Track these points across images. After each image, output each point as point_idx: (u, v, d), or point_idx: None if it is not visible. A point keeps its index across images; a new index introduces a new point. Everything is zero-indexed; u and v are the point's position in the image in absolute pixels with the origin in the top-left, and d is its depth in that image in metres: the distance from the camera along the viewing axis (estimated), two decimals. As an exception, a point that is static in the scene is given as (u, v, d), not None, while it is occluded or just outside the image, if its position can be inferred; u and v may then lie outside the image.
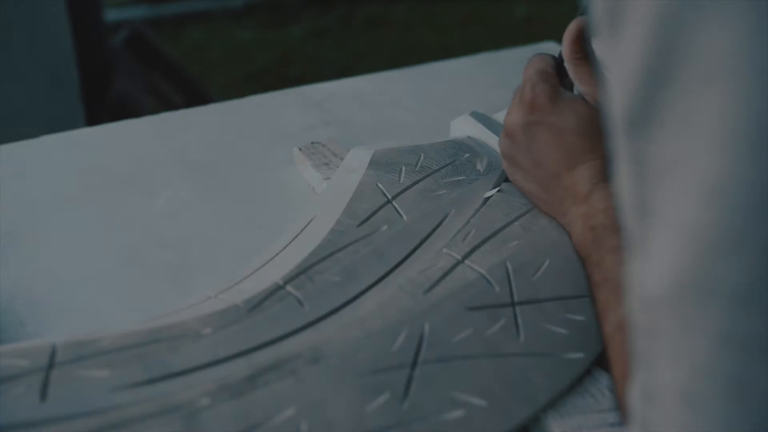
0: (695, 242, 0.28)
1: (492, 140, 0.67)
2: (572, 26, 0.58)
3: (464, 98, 0.89)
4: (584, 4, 0.59)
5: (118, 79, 1.91)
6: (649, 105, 0.28)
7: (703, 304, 0.28)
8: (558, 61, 0.60)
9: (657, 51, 0.28)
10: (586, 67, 0.58)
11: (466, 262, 0.54)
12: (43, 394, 0.42)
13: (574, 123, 0.56)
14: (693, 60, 0.27)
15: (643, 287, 0.31)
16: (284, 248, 0.56)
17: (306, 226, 0.58)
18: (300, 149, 0.73)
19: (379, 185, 0.60)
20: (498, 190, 0.61)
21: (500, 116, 0.71)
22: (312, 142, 0.74)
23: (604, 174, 0.54)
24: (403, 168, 0.62)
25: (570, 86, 0.59)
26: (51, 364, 0.44)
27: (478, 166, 0.63)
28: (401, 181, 0.61)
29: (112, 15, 2.84)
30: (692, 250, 0.28)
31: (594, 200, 0.54)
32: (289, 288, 0.51)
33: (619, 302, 0.46)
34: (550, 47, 1.01)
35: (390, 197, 0.59)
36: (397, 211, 0.58)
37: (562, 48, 0.59)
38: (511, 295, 0.52)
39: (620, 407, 0.43)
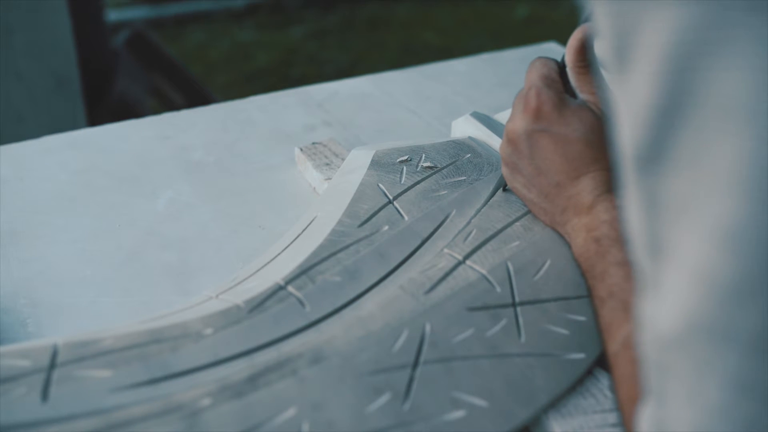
0: (709, 286, 0.27)
1: (493, 140, 0.67)
2: (576, 34, 0.57)
3: (465, 98, 0.89)
4: (587, 10, 0.58)
5: (120, 80, 1.91)
6: (660, 143, 0.28)
7: (717, 348, 0.28)
8: (560, 66, 0.59)
9: (668, 89, 0.27)
10: (590, 75, 0.57)
11: (467, 262, 0.54)
12: (45, 395, 0.42)
13: (580, 132, 0.55)
14: (706, 100, 0.26)
15: (655, 325, 0.30)
16: (285, 248, 0.56)
17: (307, 227, 0.58)
18: (301, 149, 0.73)
19: (380, 186, 0.60)
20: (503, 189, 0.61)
21: (501, 116, 0.71)
22: (313, 143, 0.74)
23: (608, 185, 0.54)
24: (404, 168, 0.62)
25: (572, 92, 0.58)
26: (52, 365, 0.44)
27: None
28: (402, 181, 0.61)
29: (113, 16, 2.84)
30: (706, 293, 0.27)
31: (598, 211, 0.53)
32: (290, 288, 0.51)
33: (625, 319, 0.46)
34: (551, 48, 1.01)
35: (391, 197, 0.59)
36: (398, 212, 0.58)
37: (566, 55, 0.58)
38: (512, 296, 0.52)
39: (626, 429, 0.42)
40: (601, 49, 0.30)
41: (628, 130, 0.29)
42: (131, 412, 0.42)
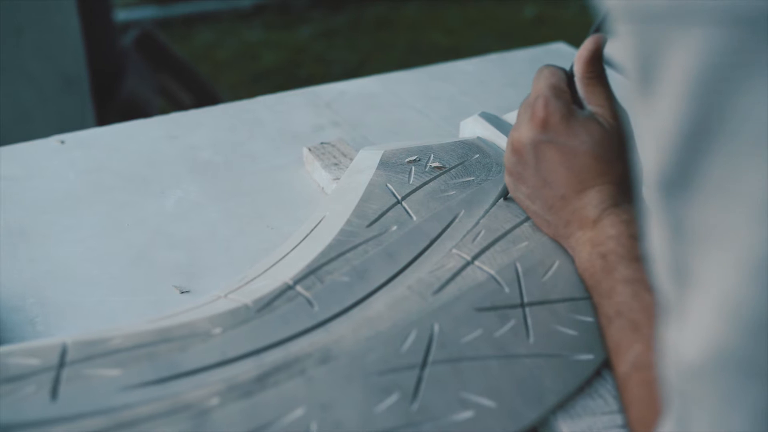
0: (736, 317, 0.27)
1: (502, 141, 0.67)
2: (587, 44, 0.56)
3: (473, 99, 0.89)
4: (598, 19, 0.57)
5: (128, 80, 1.91)
6: (687, 168, 0.27)
7: (744, 381, 0.27)
8: (569, 75, 0.57)
9: (696, 113, 0.26)
10: (598, 86, 0.56)
11: (476, 262, 0.54)
12: (54, 393, 0.42)
13: (588, 145, 0.54)
14: (735, 125, 0.25)
15: (678, 353, 0.30)
16: (294, 248, 0.56)
17: (315, 227, 0.58)
18: (309, 149, 0.73)
19: (389, 186, 0.60)
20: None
21: (510, 117, 0.71)
22: (321, 143, 0.74)
23: (615, 199, 0.53)
24: (413, 168, 0.62)
25: (580, 103, 0.57)
26: (62, 363, 0.44)
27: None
28: (411, 181, 0.61)
29: (121, 15, 2.85)
30: (733, 325, 0.27)
31: (603, 226, 0.52)
32: (298, 288, 0.51)
33: (634, 339, 0.45)
34: (559, 48, 1.01)
35: (400, 198, 0.59)
36: (407, 212, 0.58)
37: (575, 65, 0.57)
38: (521, 296, 0.52)
39: None
40: (618, 56, 0.30)
41: (653, 153, 0.28)
42: (139, 411, 0.42)
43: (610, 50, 0.31)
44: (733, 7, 0.25)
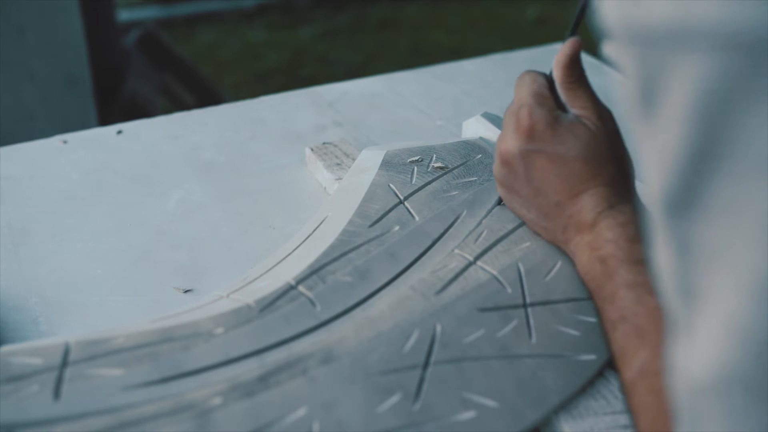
0: (744, 337, 0.27)
1: (504, 141, 0.67)
2: (564, 49, 0.55)
3: (476, 99, 0.89)
4: (572, 22, 0.57)
5: (131, 80, 1.92)
6: (691, 190, 0.27)
7: (749, 400, 0.27)
8: (550, 80, 0.57)
9: (700, 136, 0.26)
10: (580, 89, 0.55)
11: (478, 263, 0.54)
12: (57, 393, 0.42)
13: (577, 150, 0.53)
14: (738, 149, 0.25)
15: (687, 371, 0.30)
16: (296, 248, 0.56)
17: (318, 227, 0.58)
18: (312, 149, 0.73)
19: (391, 186, 0.60)
20: None
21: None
22: (324, 143, 0.74)
23: (609, 201, 0.52)
24: (415, 168, 0.62)
25: (563, 107, 0.56)
26: (64, 363, 0.44)
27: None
28: (413, 181, 0.61)
29: (124, 15, 2.86)
30: (741, 345, 0.27)
31: (600, 229, 0.51)
32: (301, 288, 0.51)
33: (640, 345, 0.45)
34: (562, 48, 1.01)
35: (402, 198, 0.59)
36: (409, 212, 0.58)
37: (554, 71, 0.56)
38: (523, 297, 0.52)
39: None
40: (620, 64, 0.30)
41: (657, 174, 0.28)
42: (142, 411, 0.42)
43: (610, 52, 0.31)
44: (733, 33, 0.25)
